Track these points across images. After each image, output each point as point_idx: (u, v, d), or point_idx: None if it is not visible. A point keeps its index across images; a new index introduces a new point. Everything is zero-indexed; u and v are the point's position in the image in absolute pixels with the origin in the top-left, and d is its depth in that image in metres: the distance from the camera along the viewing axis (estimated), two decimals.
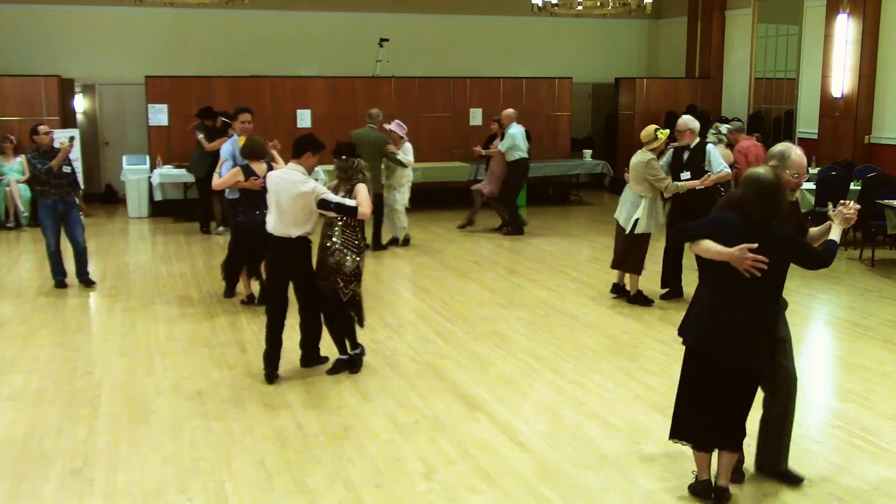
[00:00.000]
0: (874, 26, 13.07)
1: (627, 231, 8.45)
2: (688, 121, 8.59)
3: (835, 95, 13.54)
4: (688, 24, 17.40)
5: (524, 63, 17.32)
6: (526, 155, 12.29)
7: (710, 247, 4.23)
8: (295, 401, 5.93)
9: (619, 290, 8.77)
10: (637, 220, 8.39)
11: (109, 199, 15.64)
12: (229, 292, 8.68)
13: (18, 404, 5.82)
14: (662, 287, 8.85)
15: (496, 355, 6.97)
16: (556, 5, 12.79)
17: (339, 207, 6.09)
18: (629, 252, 8.51)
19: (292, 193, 6.07)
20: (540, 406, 5.88)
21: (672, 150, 8.68)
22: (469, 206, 12.73)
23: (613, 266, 8.76)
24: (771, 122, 15.94)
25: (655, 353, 7.04)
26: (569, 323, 7.97)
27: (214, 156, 10.89)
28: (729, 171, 8.50)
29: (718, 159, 8.43)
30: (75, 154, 13.78)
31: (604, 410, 5.79)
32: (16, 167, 13.05)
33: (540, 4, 12.75)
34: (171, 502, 4.52)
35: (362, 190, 6.24)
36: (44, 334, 7.54)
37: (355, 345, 6.59)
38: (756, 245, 4.14)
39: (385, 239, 11.32)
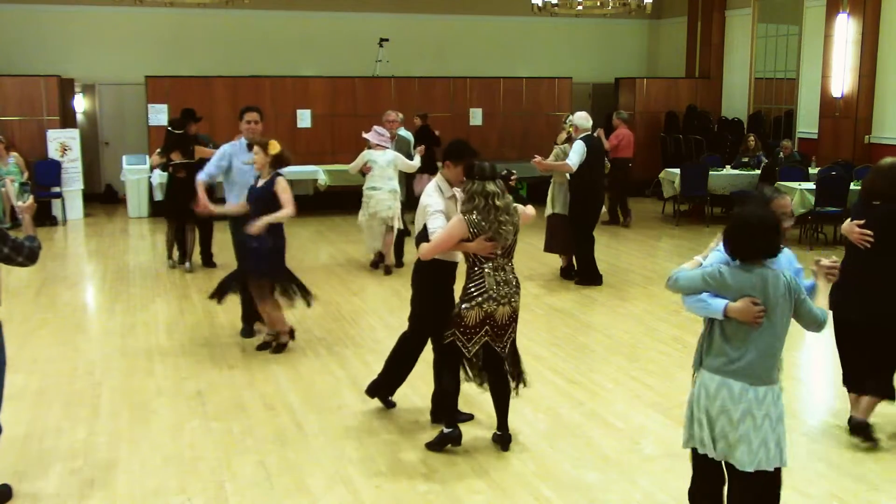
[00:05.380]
0: (874, 26, 13.07)
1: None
2: (574, 117, 9.55)
3: (835, 95, 13.54)
4: (688, 24, 17.40)
5: (524, 63, 17.32)
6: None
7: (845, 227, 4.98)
8: (295, 401, 5.93)
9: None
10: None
11: (109, 199, 15.65)
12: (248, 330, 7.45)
13: (18, 404, 5.80)
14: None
15: None
16: (556, 5, 12.79)
17: (418, 237, 5.17)
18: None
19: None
20: (540, 406, 5.87)
21: None
22: None
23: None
24: (771, 122, 15.95)
25: (655, 353, 7.05)
26: (569, 323, 7.98)
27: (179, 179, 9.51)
28: (569, 166, 9.17)
29: (571, 154, 9.23)
30: (75, 154, 13.85)
31: (604, 410, 5.79)
32: (11, 168, 13.01)
33: (540, 4, 12.75)
34: (171, 502, 4.52)
35: (450, 222, 5.05)
36: (44, 334, 7.54)
37: (448, 420, 5.27)
38: (863, 220, 4.83)
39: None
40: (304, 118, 14.74)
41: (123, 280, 9.63)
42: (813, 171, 12.63)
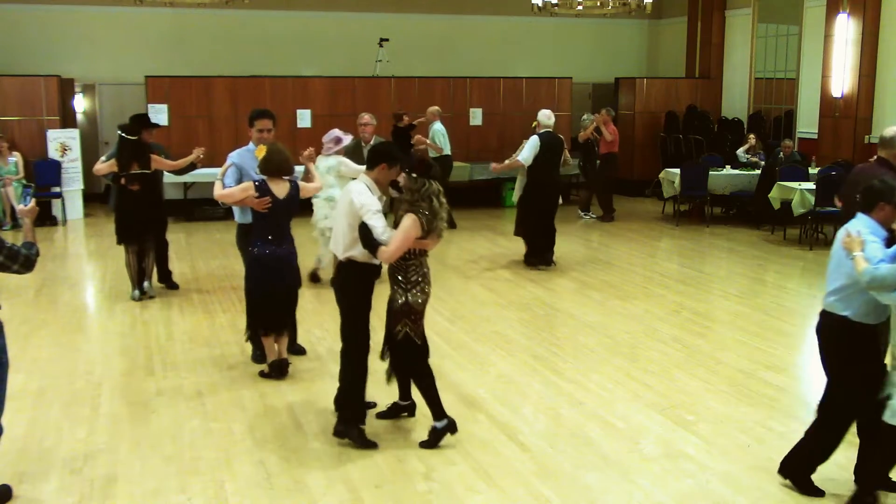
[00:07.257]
0: (874, 26, 13.07)
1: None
2: (539, 114, 10.12)
3: (835, 95, 13.54)
4: (688, 24, 17.40)
5: (524, 63, 17.32)
6: (445, 152, 12.84)
7: None
8: (295, 401, 5.93)
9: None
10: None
11: (109, 199, 15.61)
12: (259, 356, 6.65)
13: (18, 404, 5.80)
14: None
15: (496, 355, 6.96)
16: (556, 5, 12.80)
17: (365, 239, 4.94)
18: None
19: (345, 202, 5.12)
20: (540, 406, 5.87)
21: None
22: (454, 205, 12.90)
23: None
24: (771, 122, 15.95)
25: (655, 353, 7.04)
26: (569, 323, 7.98)
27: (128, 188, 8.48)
28: (520, 162, 9.90)
29: (524, 149, 9.93)
30: (75, 154, 13.84)
31: (604, 410, 5.79)
32: (11, 168, 13.00)
33: (540, 4, 12.76)
34: (171, 502, 4.52)
35: (404, 222, 4.97)
36: (44, 334, 7.54)
37: (436, 414, 5.22)
38: None
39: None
40: (304, 118, 14.73)
41: (123, 280, 9.61)
42: (813, 170, 12.63)
